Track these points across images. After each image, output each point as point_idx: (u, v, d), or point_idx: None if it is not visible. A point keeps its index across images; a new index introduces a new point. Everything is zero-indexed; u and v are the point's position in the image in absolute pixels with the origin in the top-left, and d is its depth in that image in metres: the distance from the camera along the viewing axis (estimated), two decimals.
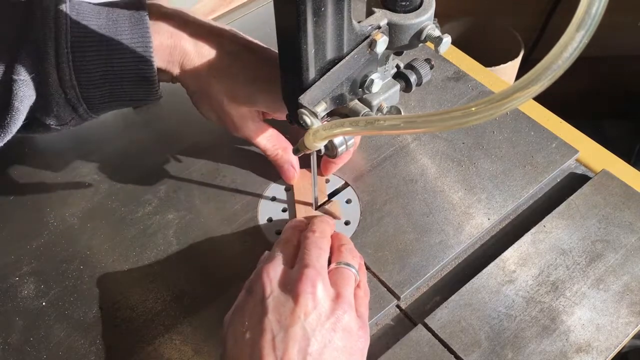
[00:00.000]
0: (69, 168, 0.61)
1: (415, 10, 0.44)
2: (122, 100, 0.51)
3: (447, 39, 0.44)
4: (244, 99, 0.52)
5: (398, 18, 0.44)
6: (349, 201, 0.58)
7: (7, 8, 0.46)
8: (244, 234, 0.56)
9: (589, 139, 0.63)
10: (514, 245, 0.54)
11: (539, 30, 1.41)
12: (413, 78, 0.48)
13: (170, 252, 0.54)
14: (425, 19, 0.44)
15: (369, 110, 0.47)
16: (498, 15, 1.35)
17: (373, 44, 0.43)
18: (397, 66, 0.49)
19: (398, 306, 0.52)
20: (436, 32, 0.44)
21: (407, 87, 0.49)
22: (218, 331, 0.49)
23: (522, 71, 1.10)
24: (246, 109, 0.53)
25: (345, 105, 0.47)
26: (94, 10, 0.47)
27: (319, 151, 0.48)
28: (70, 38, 0.46)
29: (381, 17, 0.44)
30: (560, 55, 0.32)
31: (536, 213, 0.57)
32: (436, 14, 0.45)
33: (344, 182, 0.59)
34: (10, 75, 0.44)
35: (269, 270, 0.45)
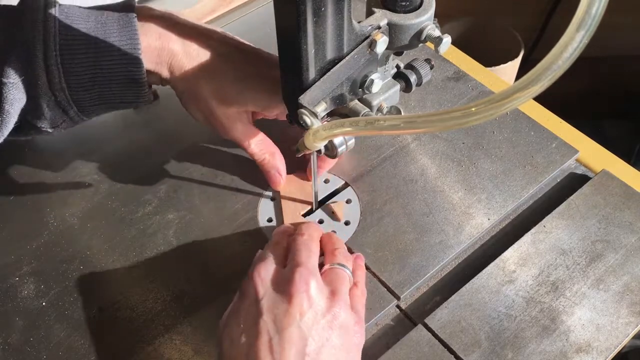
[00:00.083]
0: (69, 168, 0.61)
1: (415, 10, 0.44)
2: (112, 103, 0.50)
3: (447, 39, 0.44)
4: (234, 99, 0.51)
5: (398, 18, 0.44)
6: (349, 201, 0.58)
7: None
8: (244, 234, 0.55)
9: (589, 139, 0.63)
10: (514, 245, 0.54)
11: (539, 30, 1.41)
12: (413, 78, 0.48)
13: (170, 252, 0.54)
14: (425, 19, 0.44)
15: (369, 110, 0.47)
16: (498, 15, 1.35)
17: (373, 44, 0.43)
18: (397, 66, 0.49)
19: (398, 306, 0.52)
20: (436, 32, 0.44)
21: (407, 87, 0.49)
22: (218, 331, 0.49)
23: (522, 71, 1.10)
24: (235, 110, 0.52)
25: (345, 105, 0.47)
26: (83, 13, 0.47)
27: (319, 151, 0.48)
28: (59, 41, 0.46)
29: (381, 17, 0.44)
30: (560, 55, 0.32)
31: (536, 213, 0.57)
32: (436, 14, 0.45)
33: (344, 182, 0.59)
34: (0, 79, 0.45)
35: (260, 271, 0.44)
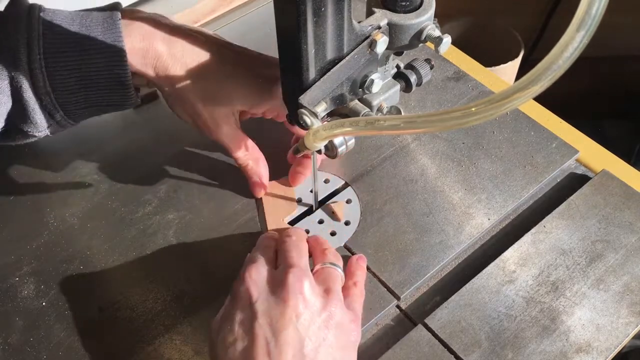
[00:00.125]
0: (69, 168, 0.61)
1: (415, 11, 0.44)
2: (99, 106, 0.50)
3: (447, 39, 0.44)
4: (220, 99, 0.51)
5: (398, 18, 0.44)
6: (349, 201, 0.58)
7: None
8: (244, 234, 0.55)
9: (589, 139, 0.63)
10: (514, 245, 0.54)
11: (539, 30, 1.41)
12: (413, 78, 0.48)
13: (170, 252, 0.54)
14: (425, 19, 0.44)
15: (369, 110, 0.47)
16: (498, 15, 1.35)
17: (373, 44, 0.43)
18: (397, 66, 0.49)
19: (398, 306, 0.52)
20: (436, 32, 0.44)
21: (407, 87, 0.49)
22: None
23: (522, 71, 1.10)
24: (223, 111, 0.52)
25: (345, 105, 0.47)
26: (67, 16, 0.47)
27: (319, 151, 0.48)
28: (42, 44, 0.45)
29: (381, 17, 0.44)
30: (561, 55, 0.32)
31: (536, 213, 0.57)
32: (436, 14, 0.45)
33: (344, 182, 0.59)
34: None
35: (252, 273, 0.44)
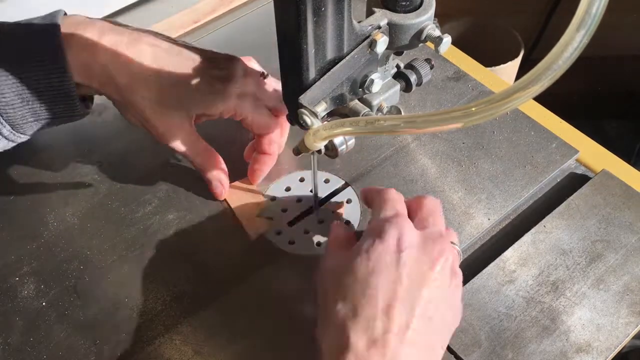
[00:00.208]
0: (69, 168, 0.61)
1: (415, 10, 0.44)
2: (47, 119, 0.50)
3: (447, 39, 0.44)
4: (171, 105, 0.51)
5: (398, 18, 0.44)
6: (349, 201, 0.58)
7: None
8: (244, 234, 0.55)
9: (589, 139, 0.63)
10: (514, 245, 0.54)
11: (539, 30, 1.41)
12: (413, 78, 0.48)
13: (170, 252, 0.54)
14: (425, 19, 0.44)
15: (369, 110, 0.47)
16: (498, 15, 1.35)
17: (373, 44, 0.43)
18: (397, 66, 0.49)
19: None
20: (436, 32, 0.44)
21: (407, 87, 0.49)
22: (218, 331, 0.49)
23: (522, 71, 1.10)
24: (175, 116, 0.51)
25: (345, 105, 0.47)
26: (6, 28, 0.47)
27: (319, 151, 0.48)
28: None
29: (381, 17, 0.44)
30: (561, 55, 0.32)
31: (536, 213, 0.57)
32: (436, 14, 0.45)
33: (344, 182, 0.59)
34: None
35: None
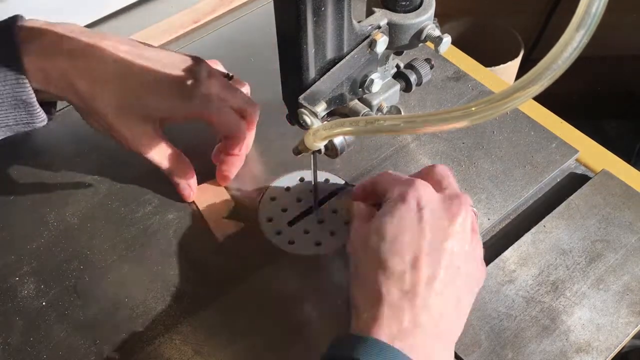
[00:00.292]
0: (69, 168, 0.61)
1: (415, 10, 0.44)
2: (8, 126, 0.49)
3: (447, 39, 0.44)
4: (134, 109, 0.50)
5: (398, 18, 0.44)
6: None
7: None
8: (244, 234, 0.55)
9: (589, 139, 0.63)
10: (514, 245, 0.54)
11: (539, 30, 1.41)
12: (413, 78, 0.48)
13: (170, 252, 0.54)
14: (425, 19, 0.44)
15: (369, 110, 0.47)
16: (498, 15, 1.35)
17: (373, 44, 0.43)
18: (397, 66, 0.49)
19: None
20: (436, 32, 0.44)
21: (407, 87, 0.49)
22: (218, 331, 0.49)
23: (522, 71, 1.10)
24: (138, 123, 0.51)
25: (345, 105, 0.47)
26: None
27: (318, 151, 0.48)
28: None
29: (381, 17, 0.44)
30: (560, 55, 0.32)
31: (536, 213, 0.57)
32: (436, 14, 0.45)
33: (344, 182, 0.59)
34: None
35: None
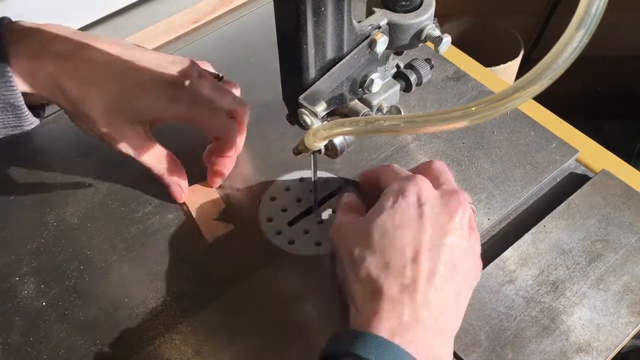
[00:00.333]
0: (69, 168, 0.61)
1: (415, 10, 0.44)
2: None
3: (447, 39, 0.44)
4: (123, 112, 0.50)
5: (398, 18, 0.44)
6: None
7: None
8: (244, 234, 0.55)
9: (589, 139, 0.63)
10: (514, 245, 0.54)
11: (539, 30, 1.41)
12: (413, 78, 0.48)
13: (170, 252, 0.54)
14: (425, 19, 0.44)
15: (369, 110, 0.47)
16: (498, 15, 1.35)
17: (373, 44, 0.43)
18: (397, 66, 0.49)
19: None
20: (436, 32, 0.44)
21: (407, 87, 0.49)
22: (218, 331, 0.49)
23: (522, 71, 1.10)
24: (128, 126, 0.51)
25: (345, 105, 0.47)
26: None
27: (318, 151, 0.48)
28: None
29: (381, 17, 0.44)
30: (560, 55, 0.32)
31: (536, 213, 0.57)
32: (436, 14, 0.45)
33: (344, 182, 0.59)
34: None
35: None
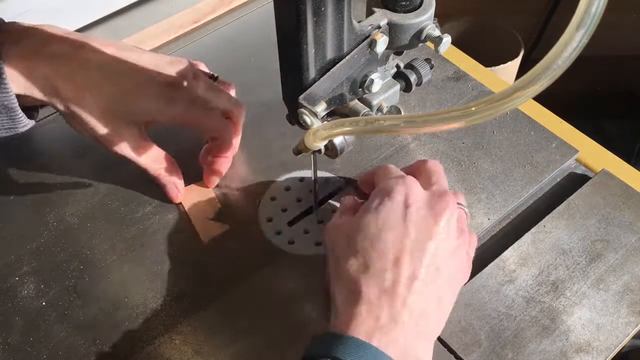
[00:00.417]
0: (69, 168, 0.61)
1: (415, 10, 0.44)
2: None
3: (447, 39, 0.44)
4: (119, 113, 0.50)
5: (398, 18, 0.44)
6: None
7: None
8: (244, 234, 0.55)
9: (589, 139, 0.63)
10: (514, 245, 0.54)
11: (539, 30, 1.41)
12: (413, 78, 0.48)
13: (170, 252, 0.54)
14: (425, 19, 0.44)
15: (369, 110, 0.47)
16: (498, 15, 1.35)
17: (373, 44, 0.43)
18: (397, 66, 0.49)
19: None
20: (436, 32, 0.44)
21: (407, 87, 0.49)
22: (218, 331, 0.49)
23: (522, 71, 1.10)
24: (124, 127, 0.51)
25: (345, 105, 0.47)
26: None
27: (318, 151, 0.48)
28: None
29: (381, 17, 0.44)
30: (560, 55, 0.32)
31: (536, 213, 0.57)
32: (436, 14, 0.45)
33: (344, 182, 0.59)
34: None
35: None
